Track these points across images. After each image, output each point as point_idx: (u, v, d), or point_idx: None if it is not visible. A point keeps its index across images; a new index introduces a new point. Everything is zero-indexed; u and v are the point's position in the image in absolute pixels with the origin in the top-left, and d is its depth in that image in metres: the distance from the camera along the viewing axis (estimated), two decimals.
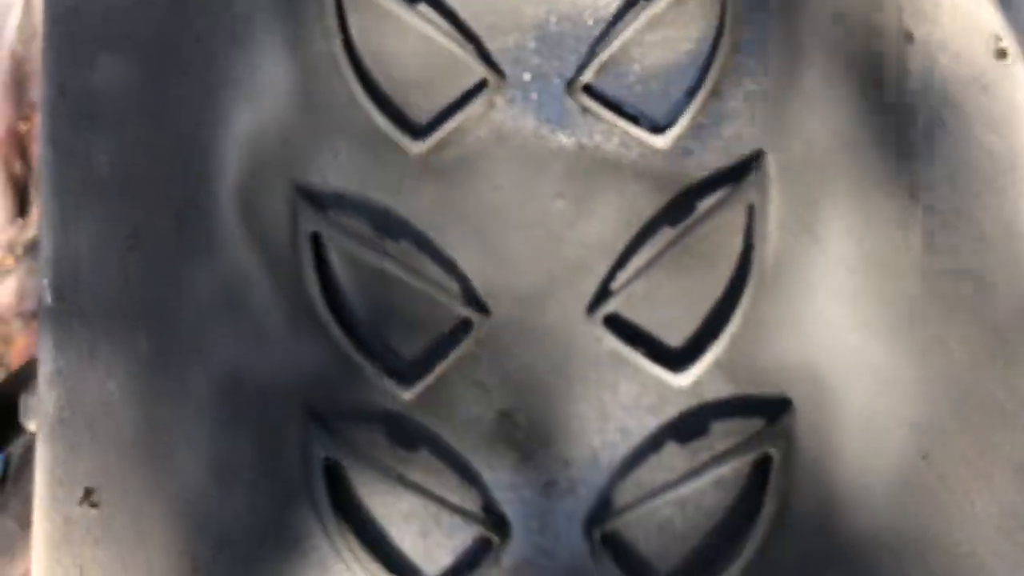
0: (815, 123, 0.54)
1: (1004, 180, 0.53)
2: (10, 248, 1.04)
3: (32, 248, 1.05)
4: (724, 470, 0.52)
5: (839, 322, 0.53)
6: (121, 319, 0.53)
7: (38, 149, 0.54)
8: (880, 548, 0.52)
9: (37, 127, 1.07)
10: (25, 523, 0.56)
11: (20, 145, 1.08)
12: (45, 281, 0.53)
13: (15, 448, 0.97)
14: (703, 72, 0.55)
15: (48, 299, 0.53)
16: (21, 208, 1.07)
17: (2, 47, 1.08)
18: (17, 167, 1.08)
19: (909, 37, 0.54)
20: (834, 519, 0.52)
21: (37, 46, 1.08)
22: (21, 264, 1.04)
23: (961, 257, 0.53)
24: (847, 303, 0.53)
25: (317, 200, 0.54)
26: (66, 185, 0.54)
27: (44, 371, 0.53)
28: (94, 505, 0.53)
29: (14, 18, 1.09)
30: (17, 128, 1.08)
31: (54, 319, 0.53)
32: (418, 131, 0.55)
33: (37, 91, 1.10)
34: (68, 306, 0.53)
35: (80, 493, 0.53)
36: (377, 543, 0.53)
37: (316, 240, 0.54)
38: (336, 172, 0.55)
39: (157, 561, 0.52)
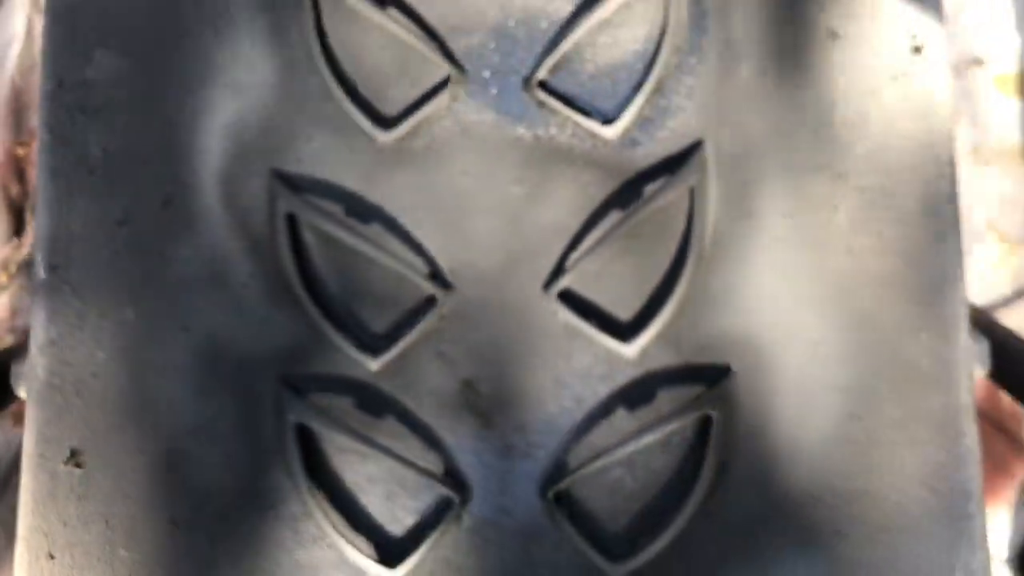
0: (750, 114, 0.58)
1: (922, 161, 0.57)
2: (4, 266, 1.08)
3: (26, 267, 1.09)
4: (669, 429, 0.56)
5: (775, 295, 0.57)
6: (109, 292, 0.57)
7: (37, 136, 0.58)
8: (815, 501, 0.55)
9: (35, 152, 1.12)
10: (12, 531, 0.59)
11: (18, 169, 1.13)
12: (39, 256, 0.57)
13: (3, 457, 1.00)
14: (648, 70, 0.59)
15: (42, 273, 0.57)
16: (17, 228, 1.11)
17: (3, 77, 1.13)
18: (14, 190, 1.12)
19: (834, 35, 0.59)
20: (772, 476, 0.56)
21: (36, 76, 1.14)
22: (15, 281, 1.08)
23: (885, 234, 0.57)
24: (782, 278, 0.57)
25: (293, 184, 0.58)
26: (61, 168, 0.58)
27: (36, 340, 0.57)
28: (79, 465, 0.56)
29: (15, 50, 1.14)
30: (15, 153, 1.13)
31: (47, 291, 0.57)
32: (387, 122, 0.59)
33: (35, 119, 1.16)
34: (60, 279, 0.57)
35: (66, 453, 0.56)
36: (345, 504, 0.57)
37: (292, 221, 0.58)
38: (311, 159, 0.59)
39: (138, 518, 0.56)
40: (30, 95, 1.11)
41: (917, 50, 0.58)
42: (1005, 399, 1.03)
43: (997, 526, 1.01)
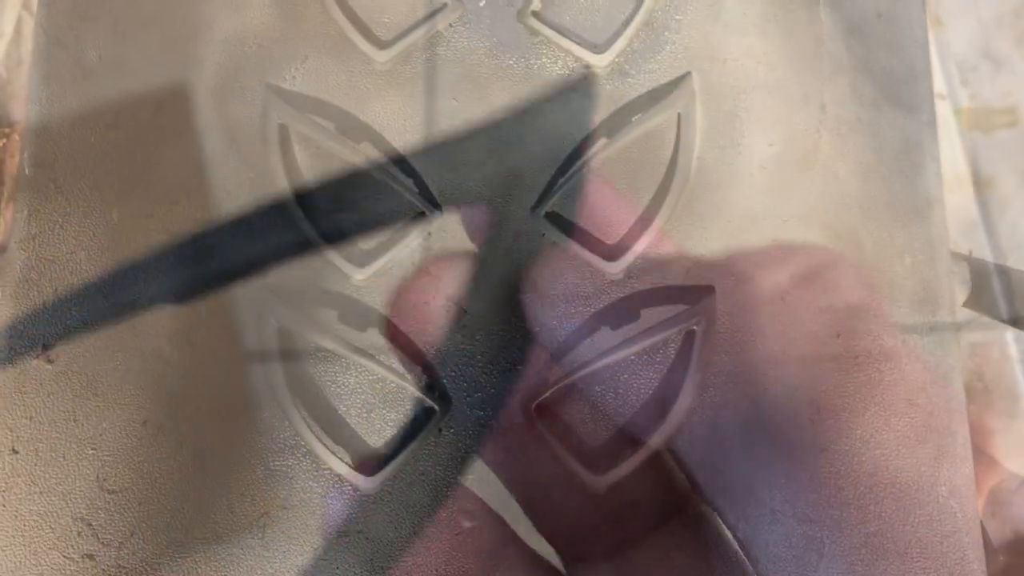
0: (736, 48, 0.60)
1: (899, 92, 0.59)
2: None
3: (1, 252, 1.08)
4: (651, 342, 0.55)
5: (756, 217, 0.58)
6: (95, 193, 0.57)
7: (33, 39, 0.59)
8: (797, 418, 0.55)
9: (14, 143, 1.12)
10: None
11: None
12: (26, 154, 0.57)
13: None
14: (638, 5, 0.61)
15: (27, 169, 0.57)
16: None
17: None
18: None
19: None
20: (753, 393, 0.55)
21: (23, 72, 1.15)
22: None
23: (867, 162, 0.58)
24: (763, 199, 0.58)
25: (287, 98, 0.59)
26: (54, 70, 0.58)
27: (16, 235, 0.56)
28: (50, 361, 0.54)
29: (3, 46, 1.15)
30: None
31: (31, 188, 0.56)
32: (383, 45, 0.60)
33: (18, 113, 1.16)
34: (46, 177, 0.57)
35: (38, 349, 0.55)
36: (324, 414, 0.56)
37: (283, 131, 0.59)
38: (305, 77, 0.60)
39: (107, 416, 0.54)
40: (15, 88, 1.11)
41: None
42: (973, 415, 1.03)
43: None
